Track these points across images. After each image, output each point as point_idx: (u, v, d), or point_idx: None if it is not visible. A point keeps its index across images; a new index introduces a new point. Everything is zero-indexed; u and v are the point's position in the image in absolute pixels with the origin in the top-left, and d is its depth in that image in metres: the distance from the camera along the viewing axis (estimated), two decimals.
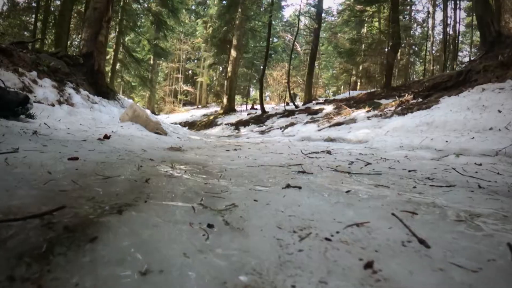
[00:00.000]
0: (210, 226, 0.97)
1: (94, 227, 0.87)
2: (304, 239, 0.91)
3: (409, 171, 2.42)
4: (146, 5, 18.30)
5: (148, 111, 10.56)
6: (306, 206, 1.27)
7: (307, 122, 11.04)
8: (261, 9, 19.86)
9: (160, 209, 1.09)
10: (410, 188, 1.74)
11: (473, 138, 4.57)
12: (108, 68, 18.15)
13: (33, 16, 13.38)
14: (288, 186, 1.62)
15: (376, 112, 9.48)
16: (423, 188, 1.75)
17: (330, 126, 8.98)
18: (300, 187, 1.59)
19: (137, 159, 2.23)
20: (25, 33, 14.78)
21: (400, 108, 9.03)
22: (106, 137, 3.21)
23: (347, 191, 1.56)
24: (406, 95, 10.02)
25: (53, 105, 4.49)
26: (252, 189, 1.53)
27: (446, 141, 4.44)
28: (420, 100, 9.34)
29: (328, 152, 3.45)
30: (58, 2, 14.15)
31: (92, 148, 2.41)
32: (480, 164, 2.89)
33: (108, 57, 17.99)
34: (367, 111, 9.90)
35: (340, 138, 6.19)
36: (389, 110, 9.13)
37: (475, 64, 9.79)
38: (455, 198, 1.51)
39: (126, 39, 20.59)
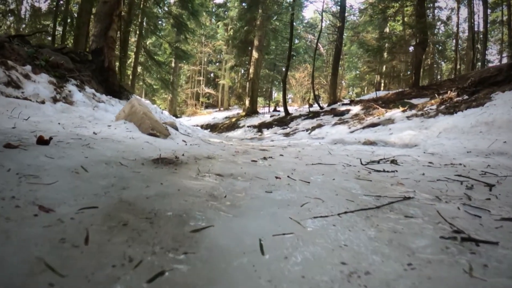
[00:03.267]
0: None
1: None
2: None
3: None
4: (166, 8, 18.13)
5: (166, 112, 10.08)
6: None
7: (335, 124, 10.18)
8: (283, 9, 19.16)
9: None
10: None
11: None
12: (129, 72, 18.08)
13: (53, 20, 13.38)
14: None
15: (414, 111, 8.52)
16: None
17: (363, 128, 8.10)
18: None
19: None
20: (48, 38, 14.87)
21: (443, 106, 8.03)
22: (42, 141, 1.90)
23: None
24: (449, 92, 8.97)
25: (43, 102, 3.94)
26: None
27: None
28: (466, 97, 8.30)
29: (393, 162, 2.63)
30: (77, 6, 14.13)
31: None
32: None
33: (129, 60, 17.93)
34: (403, 111, 8.95)
35: (381, 141, 5.33)
36: (431, 109, 8.15)
37: None
38: None
39: (147, 42, 20.53)
